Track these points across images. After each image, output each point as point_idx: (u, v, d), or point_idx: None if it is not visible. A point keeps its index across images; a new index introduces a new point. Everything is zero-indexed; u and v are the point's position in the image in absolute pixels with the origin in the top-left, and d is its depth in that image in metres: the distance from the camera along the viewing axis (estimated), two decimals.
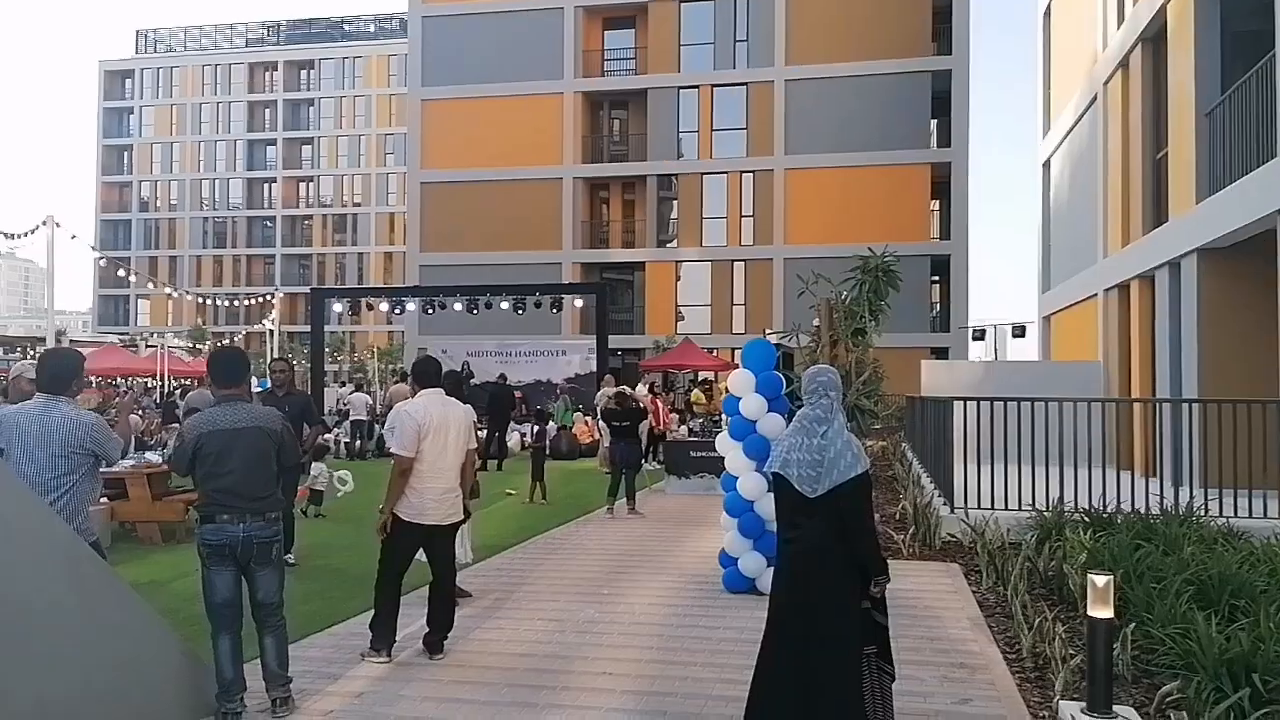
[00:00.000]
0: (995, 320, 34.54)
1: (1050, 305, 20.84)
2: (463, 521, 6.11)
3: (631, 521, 10.94)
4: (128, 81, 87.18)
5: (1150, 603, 5.54)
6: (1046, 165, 21.58)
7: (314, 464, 11.71)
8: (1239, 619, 5.20)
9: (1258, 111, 10.08)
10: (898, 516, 9.87)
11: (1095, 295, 16.36)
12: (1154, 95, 14.02)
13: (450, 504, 5.43)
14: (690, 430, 18.57)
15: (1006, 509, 8.91)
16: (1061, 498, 8.67)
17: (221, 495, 4.61)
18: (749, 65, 36.35)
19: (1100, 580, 4.19)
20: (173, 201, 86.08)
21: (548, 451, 21.20)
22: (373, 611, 5.48)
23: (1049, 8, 21.62)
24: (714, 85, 36.67)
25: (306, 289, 52.44)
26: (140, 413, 18.78)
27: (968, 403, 9.34)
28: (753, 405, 6.79)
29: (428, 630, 5.52)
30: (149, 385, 31.43)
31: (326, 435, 19.08)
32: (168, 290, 64.84)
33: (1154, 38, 13.91)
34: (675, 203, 37.71)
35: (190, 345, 54.27)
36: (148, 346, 30.89)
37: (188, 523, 9.05)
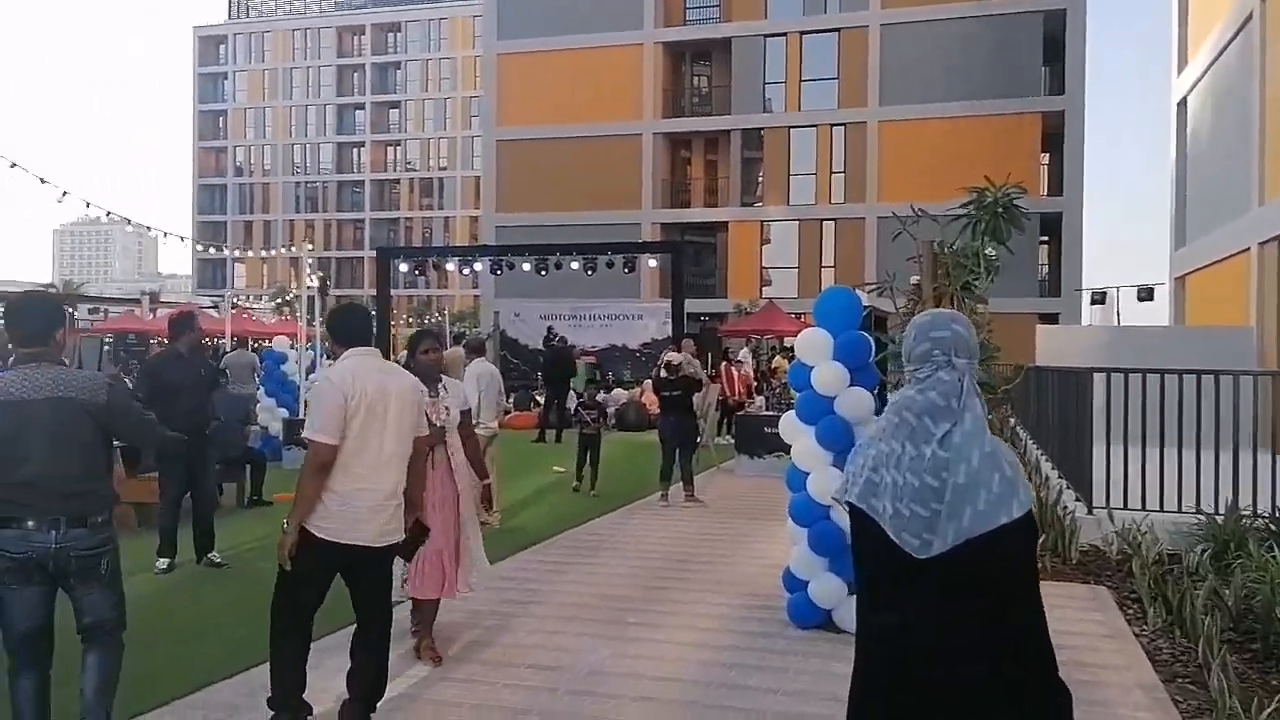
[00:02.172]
0: (1112, 283, 31.58)
1: (1185, 264, 18.34)
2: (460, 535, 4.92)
3: (688, 512, 9.32)
4: (221, 47, 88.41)
5: None
6: (1182, 105, 18.95)
7: None
8: None
9: None
10: None
11: (1248, 249, 13.95)
12: None
13: (388, 517, 3.86)
14: (767, 401, 16.85)
15: (1162, 510, 7.01)
16: (1236, 497, 6.72)
17: (18, 491, 3.25)
18: (841, 9, 33.82)
19: None
20: (266, 166, 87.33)
21: (612, 422, 19.86)
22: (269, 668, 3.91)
23: None
24: (803, 32, 34.26)
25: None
26: None
27: (1111, 375, 7.41)
28: (829, 376, 5.08)
29: (348, 697, 3.97)
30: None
31: None
32: (250, 253, 65.56)
33: None
34: (761, 159, 35.57)
35: (276, 305, 54.67)
36: (220, 307, 30.43)
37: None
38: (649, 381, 19.69)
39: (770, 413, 12.47)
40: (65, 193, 18.33)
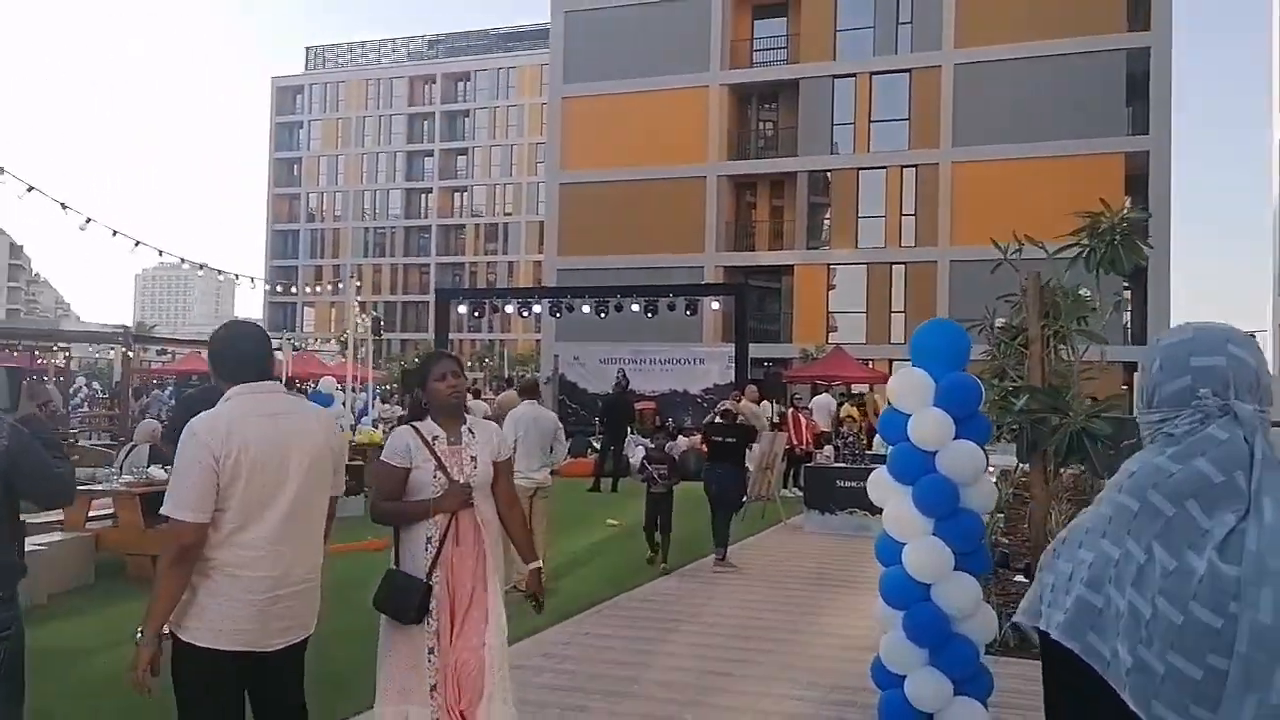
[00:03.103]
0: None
1: None
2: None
3: (753, 578, 8.35)
4: (298, 97, 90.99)
5: None
6: None
7: None
8: None
9: None
10: None
11: None
12: None
13: (299, 609, 2.90)
14: (837, 450, 15.85)
15: None
16: None
17: None
18: (913, 49, 33.01)
19: None
20: (337, 212, 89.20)
21: (676, 479, 18.76)
22: None
23: None
24: (873, 73, 33.51)
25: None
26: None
27: None
28: (931, 426, 4.19)
29: None
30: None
31: None
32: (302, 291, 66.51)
33: None
34: (828, 201, 34.70)
35: (340, 348, 55.06)
36: (294, 349, 30.52)
37: None
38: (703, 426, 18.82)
39: (841, 464, 11.49)
40: (137, 242, 18.47)
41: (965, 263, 31.31)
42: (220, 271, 25.19)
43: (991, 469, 5.25)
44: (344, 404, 12.47)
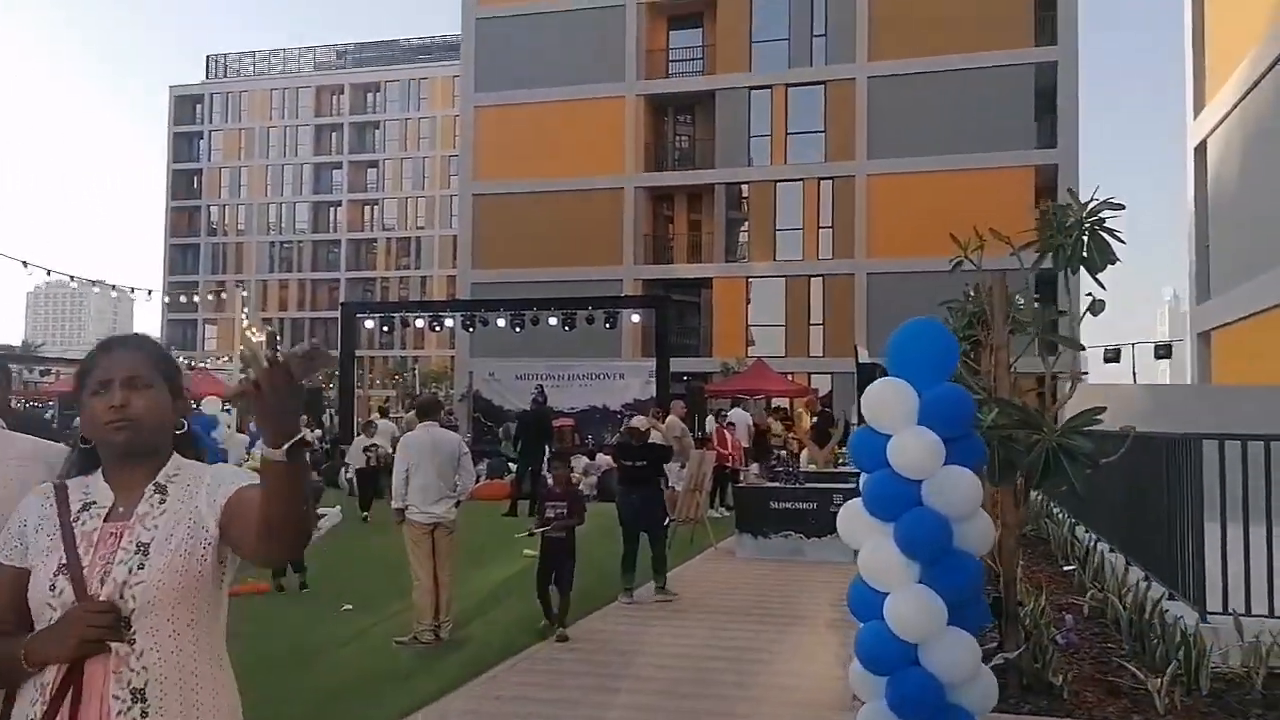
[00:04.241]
0: (1113, 341, 30.11)
1: (1211, 319, 17.02)
2: None
3: (682, 615, 7.56)
4: (198, 106, 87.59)
5: None
6: (1201, 150, 17.82)
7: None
8: None
9: None
10: (1115, 625, 6.41)
11: None
12: None
13: None
14: (770, 469, 15.24)
15: None
16: None
17: None
18: (828, 62, 33.02)
19: None
20: (240, 226, 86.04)
21: (593, 493, 17.69)
22: None
23: None
24: (789, 85, 33.40)
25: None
26: None
27: (1225, 443, 5.87)
28: (916, 449, 3.47)
29: None
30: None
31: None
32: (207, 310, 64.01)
33: None
34: (746, 214, 34.43)
35: (241, 369, 52.75)
36: (190, 368, 28.69)
37: None
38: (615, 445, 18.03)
39: (776, 484, 10.82)
40: (24, 263, 17.08)
41: (883, 275, 31.33)
42: (114, 287, 23.55)
43: None
44: (229, 426, 11.27)
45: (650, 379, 22.37)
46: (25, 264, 17.58)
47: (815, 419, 15.44)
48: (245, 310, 15.11)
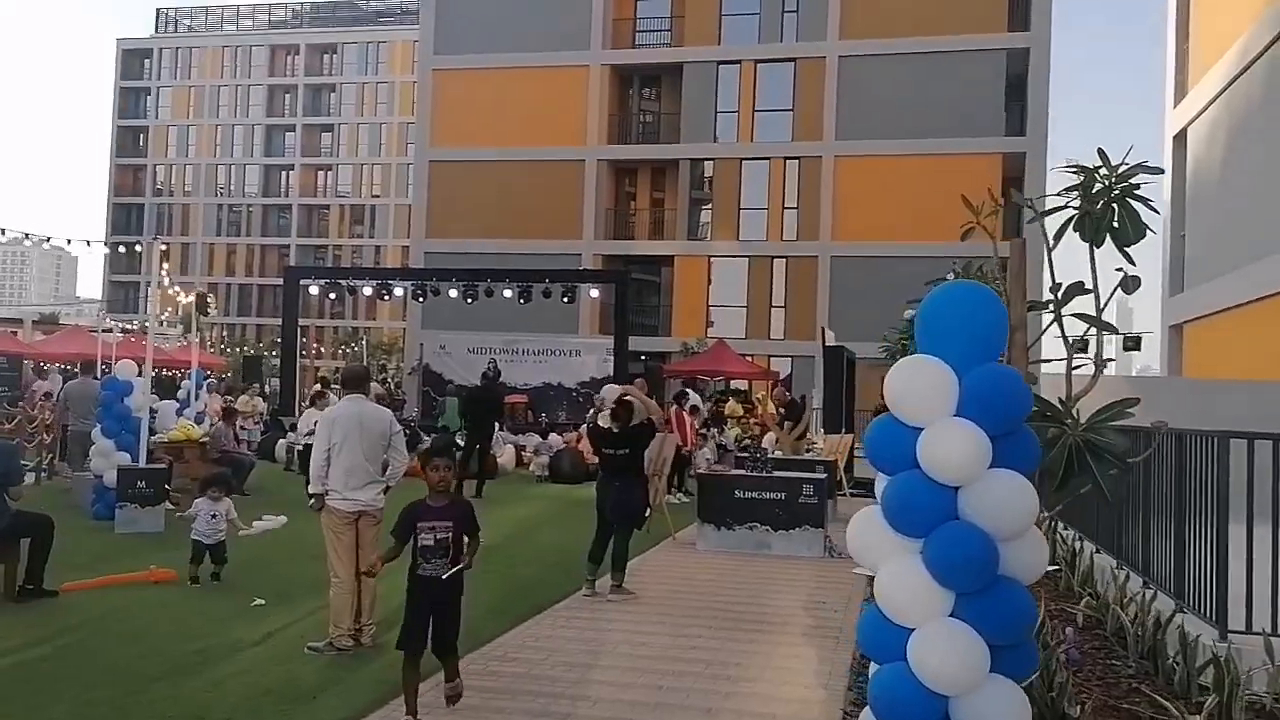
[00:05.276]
0: (1078, 333, 29.84)
1: (1184, 311, 16.64)
2: None
3: (639, 616, 6.80)
4: (146, 61, 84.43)
5: None
6: (1180, 138, 17.39)
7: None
8: None
9: None
10: (1117, 638, 5.77)
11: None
12: None
13: None
14: (726, 452, 14.56)
15: None
16: None
17: None
18: (798, 39, 32.27)
19: None
20: (187, 187, 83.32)
21: (544, 473, 16.98)
22: None
23: None
24: (758, 60, 32.61)
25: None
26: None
27: (1253, 442, 5.24)
28: (952, 447, 2.72)
29: None
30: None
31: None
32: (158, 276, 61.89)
33: None
34: (710, 191, 33.64)
35: (181, 332, 50.92)
36: (123, 332, 27.21)
37: None
38: (585, 428, 17.21)
39: (740, 472, 10.10)
40: None
41: (847, 258, 30.79)
42: (48, 239, 22.24)
43: None
44: (147, 392, 10.27)
45: (608, 357, 21.61)
46: None
47: (782, 410, 14.76)
48: (165, 268, 13.96)
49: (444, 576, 4.43)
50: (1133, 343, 22.17)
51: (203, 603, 6.79)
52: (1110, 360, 5.50)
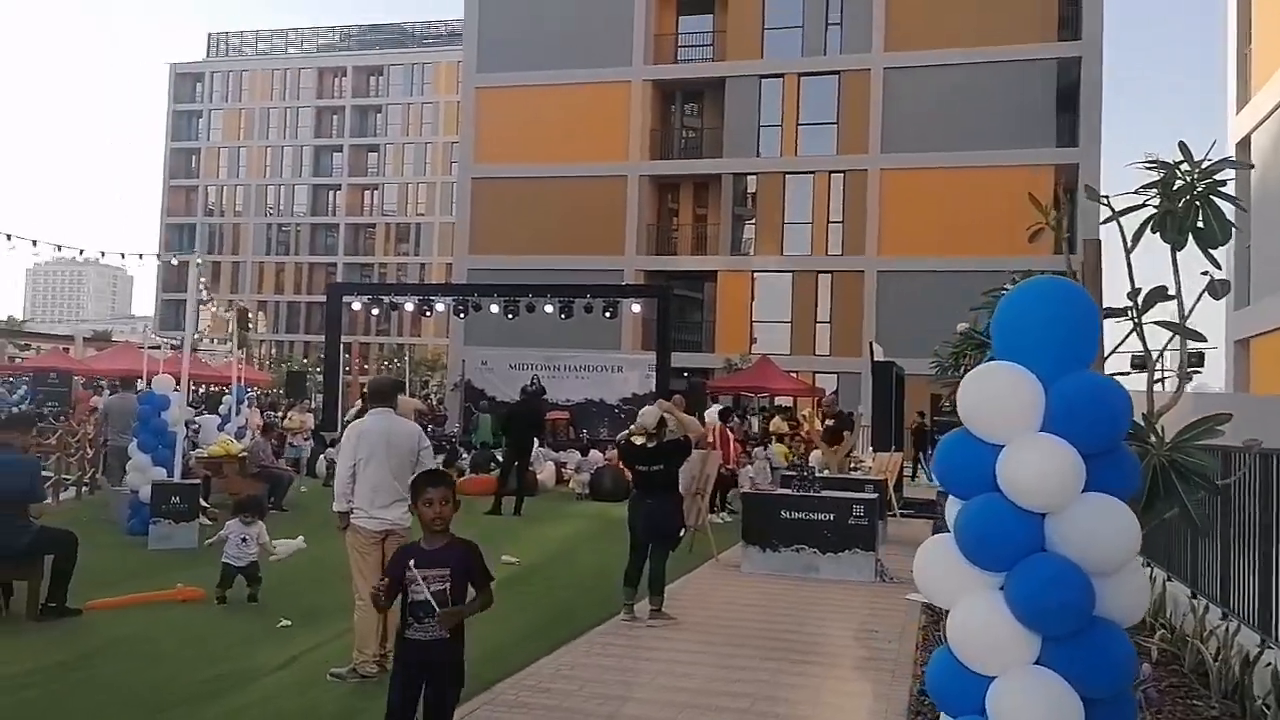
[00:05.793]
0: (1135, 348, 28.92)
1: (1250, 325, 15.93)
2: None
3: (681, 643, 6.45)
4: (198, 85, 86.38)
5: None
6: (1243, 146, 16.73)
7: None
8: None
9: None
10: (1197, 675, 5.31)
11: None
12: None
13: None
14: (775, 470, 14.17)
15: None
16: None
17: None
18: (842, 51, 31.87)
19: None
20: (237, 207, 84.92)
21: (584, 491, 16.70)
22: None
23: None
24: (801, 74, 32.24)
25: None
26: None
27: None
28: (1039, 467, 2.37)
29: None
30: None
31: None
32: (204, 295, 62.98)
33: None
34: (753, 206, 33.29)
35: (229, 349, 51.70)
36: (172, 348, 27.61)
37: None
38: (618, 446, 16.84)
39: (786, 491, 9.72)
40: (9, 236, 16.08)
41: (894, 273, 30.24)
42: (102, 254, 22.62)
43: None
44: (184, 407, 10.18)
45: (650, 373, 21.32)
46: (9, 236, 16.50)
47: (830, 421, 14.34)
48: (203, 281, 14.17)
49: (445, 635, 3.61)
50: (1196, 358, 21.45)
51: (228, 624, 6.59)
52: (1191, 372, 5.09)
